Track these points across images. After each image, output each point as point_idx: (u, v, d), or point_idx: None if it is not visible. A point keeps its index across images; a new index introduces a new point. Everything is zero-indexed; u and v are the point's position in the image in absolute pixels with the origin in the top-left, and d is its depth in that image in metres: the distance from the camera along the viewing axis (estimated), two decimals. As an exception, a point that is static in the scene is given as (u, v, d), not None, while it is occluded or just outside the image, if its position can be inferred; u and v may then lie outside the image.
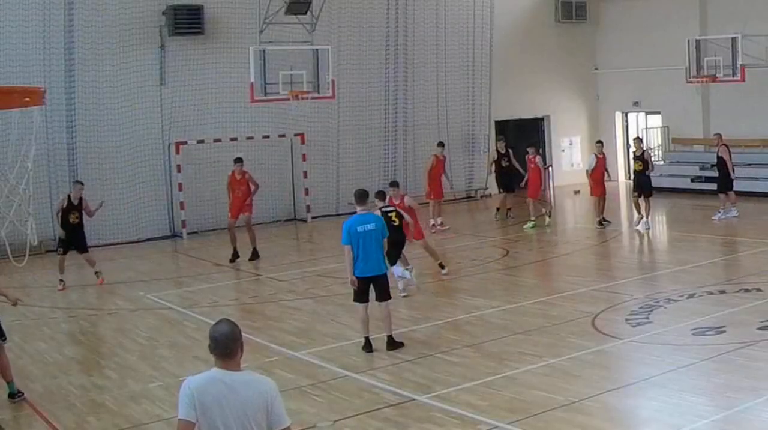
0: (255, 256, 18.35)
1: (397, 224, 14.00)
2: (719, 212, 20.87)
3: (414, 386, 9.85)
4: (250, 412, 4.97)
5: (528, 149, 21.87)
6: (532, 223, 20.72)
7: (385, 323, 11.38)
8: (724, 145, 21.16)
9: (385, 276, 11.33)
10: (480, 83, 27.24)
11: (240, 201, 18.25)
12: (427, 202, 21.32)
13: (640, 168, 20.10)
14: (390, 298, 11.44)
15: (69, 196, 16.75)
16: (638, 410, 8.98)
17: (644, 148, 20.84)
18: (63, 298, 16.15)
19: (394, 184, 15.46)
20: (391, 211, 14.11)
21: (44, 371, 11.48)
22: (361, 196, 11.38)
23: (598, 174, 20.77)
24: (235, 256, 18.26)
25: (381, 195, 14.35)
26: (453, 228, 21.45)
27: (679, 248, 18.34)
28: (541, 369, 10.19)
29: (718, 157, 21.21)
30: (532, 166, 21.37)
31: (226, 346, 5.04)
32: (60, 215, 16.61)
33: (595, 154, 21.16)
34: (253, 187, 18.44)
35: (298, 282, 16.30)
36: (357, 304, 11.35)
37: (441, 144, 22.21)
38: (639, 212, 20.02)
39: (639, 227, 19.78)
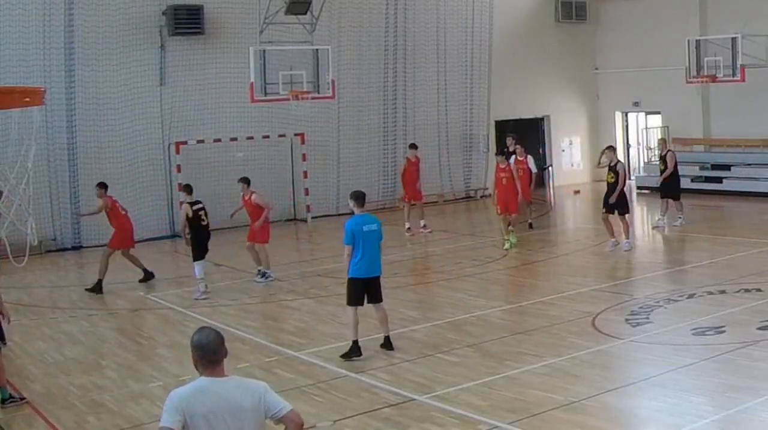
0: (148, 276, 16.66)
1: (205, 222, 15.34)
2: (662, 219, 20.04)
3: (414, 386, 9.84)
4: (243, 417, 4.86)
5: (497, 157, 19.61)
6: (510, 241, 18.38)
7: (383, 324, 11.23)
8: (670, 150, 20.47)
9: (379, 278, 11.15)
10: (480, 83, 27.23)
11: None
12: (404, 206, 21.21)
13: (612, 181, 17.59)
14: (383, 299, 11.23)
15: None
16: (638, 410, 8.99)
17: (618, 159, 18.09)
18: (63, 298, 16.14)
19: (245, 179, 16.37)
20: (201, 208, 15.38)
21: (44, 371, 11.48)
22: (359, 197, 11.14)
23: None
24: (148, 275, 16.69)
25: (188, 189, 15.74)
26: (453, 229, 21.46)
27: (679, 248, 18.34)
28: (541, 369, 10.19)
29: (666, 162, 19.99)
30: (504, 175, 18.68)
31: (215, 352, 4.90)
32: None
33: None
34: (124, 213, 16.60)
35: (298, 282, 16.30)
36: (351, 307, 11.01)
37: (413, 146, 21.59)
38: (612, 235, 17.48)
39: (608, 249, 17.33)
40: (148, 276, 16.61)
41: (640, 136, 29.14)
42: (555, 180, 28.26)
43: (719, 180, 25.25)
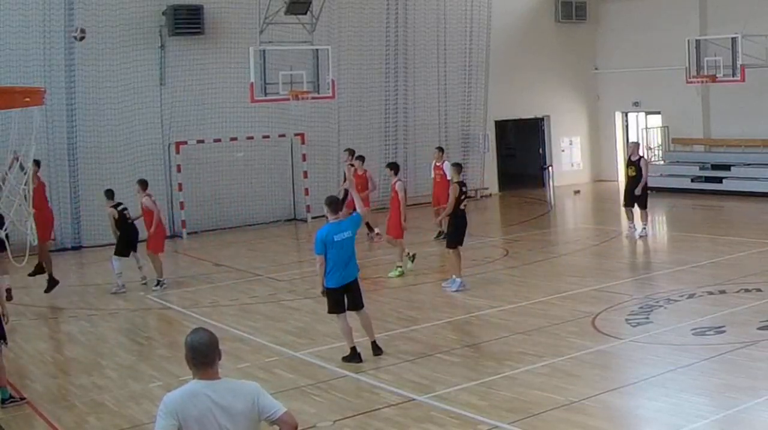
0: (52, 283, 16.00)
1: (131, 220, 16.07)
2: (644, 228, 18.80)
3: (414, 386, 9.84)
4: (236, 420, 4.86)
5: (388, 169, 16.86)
6: (399, 270, 16.25)
7: (367, 330, 11.10)
8: (642, 157, 19.21)
9: (357, 281, 10.95)
10: (479, 83, 27.22)
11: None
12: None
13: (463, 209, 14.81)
14: (364, 304, 11.08)
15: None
16: (638, 410, 8.99)
17: (459, 179, 14.92)
18: (63, 298, 16.13)
19: (142, 182, 16.43)
20: (124, 208, 16.10)
21: (44, 371, 11.49)
22: (332, 203, 10.84)
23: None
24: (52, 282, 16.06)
25: (109, 193, 16.08)
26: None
27: (679, 248, 18.33)
28: (541, 369, 10.19)
29: (638, 168, 18.66)
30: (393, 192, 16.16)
31: (206, 355, 4.89)
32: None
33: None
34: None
35: (298, 282, 16.31)
36: (335, 315, 10.87)
37: (361, 158, 19.73)
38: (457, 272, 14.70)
39: (446, 286, 14.81)
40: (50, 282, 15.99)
41: (640, 136, 29.12)
42: (555, 180, 28.26)
43: (719, 180, 25.26)
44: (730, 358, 10.17)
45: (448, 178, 18.01)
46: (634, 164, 18.85)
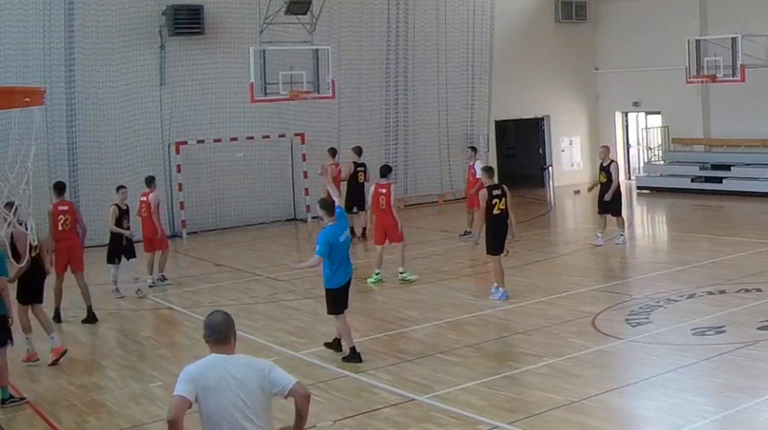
0: (92, 317, 13.93)
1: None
2: (621, 235, 17.96)
3: (414, 386, 9.85)
4: (249, 391, 5.14)
5: (381, 173, 16.26)
6: (377, 276, 15.83)
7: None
8: (614, 161, 18.35)
9: (350, 280, 11.11)
10: (480, 83, 27.23)
11: (65, 248, 13.96)
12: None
13: (500, 211, 13.85)
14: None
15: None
16: (638, 410, 8.99)
17: (496, 182, 14.44)
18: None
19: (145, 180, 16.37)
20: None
21: (44, 371, 11.48)
22: (328, 206, 10.85)
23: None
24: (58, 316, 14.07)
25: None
26: (453, 228, 21.41)
27: (679, 248, 18.34)
28: (541, 369, 10.20)
29: (608, 173, 17.75)
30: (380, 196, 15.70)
31: (220, 331, 5.31)
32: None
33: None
34: (80, 230, 14.30)
35: (298, 282, 16.29)
36: (338, 315, 10.92)
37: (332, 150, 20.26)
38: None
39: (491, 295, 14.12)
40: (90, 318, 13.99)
41: (640, 136, 29.16)
42: (555, 180, 28.27)
43: (719, 180, 25.26)
44: (730, 358, 10.18)
45: (478, 176, 17.97)
46: (605, 170, 17.88)
